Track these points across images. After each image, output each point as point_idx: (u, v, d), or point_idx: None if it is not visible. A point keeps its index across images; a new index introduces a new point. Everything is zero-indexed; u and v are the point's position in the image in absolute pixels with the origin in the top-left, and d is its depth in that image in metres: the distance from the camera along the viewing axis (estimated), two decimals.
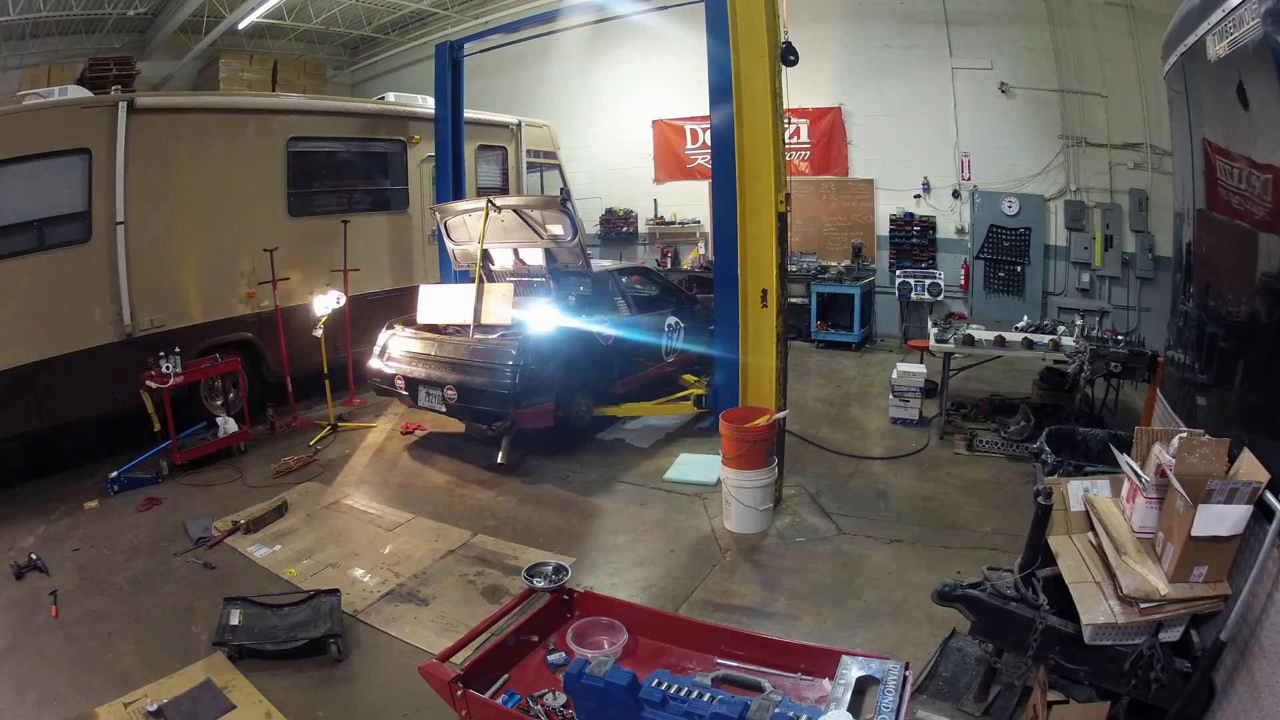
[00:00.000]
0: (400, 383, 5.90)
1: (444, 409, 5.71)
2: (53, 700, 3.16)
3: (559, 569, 2.80)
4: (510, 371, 5.34)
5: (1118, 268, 8.46)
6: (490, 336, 5.77)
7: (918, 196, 9.47)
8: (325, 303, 6.58)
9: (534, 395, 5.43)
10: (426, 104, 8.45)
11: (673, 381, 7.07)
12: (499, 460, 5.65)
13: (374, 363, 6.18)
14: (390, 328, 6.32)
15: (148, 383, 5.57)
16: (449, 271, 8.19)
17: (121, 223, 5.72)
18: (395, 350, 6.08)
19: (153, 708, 2.99)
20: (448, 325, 6.03)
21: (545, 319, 5.84)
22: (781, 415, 4.78)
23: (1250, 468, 2.13)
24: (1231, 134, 2.68)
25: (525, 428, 5.59)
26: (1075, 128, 8.42)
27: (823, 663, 2.30)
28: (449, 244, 6.87)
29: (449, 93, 7.81)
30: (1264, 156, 2.34)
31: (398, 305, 8.02)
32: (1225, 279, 2.87)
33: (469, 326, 5.92)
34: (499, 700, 2.31)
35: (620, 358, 6.34)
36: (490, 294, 6.00)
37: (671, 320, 6.93)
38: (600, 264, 7.13)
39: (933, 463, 5.63)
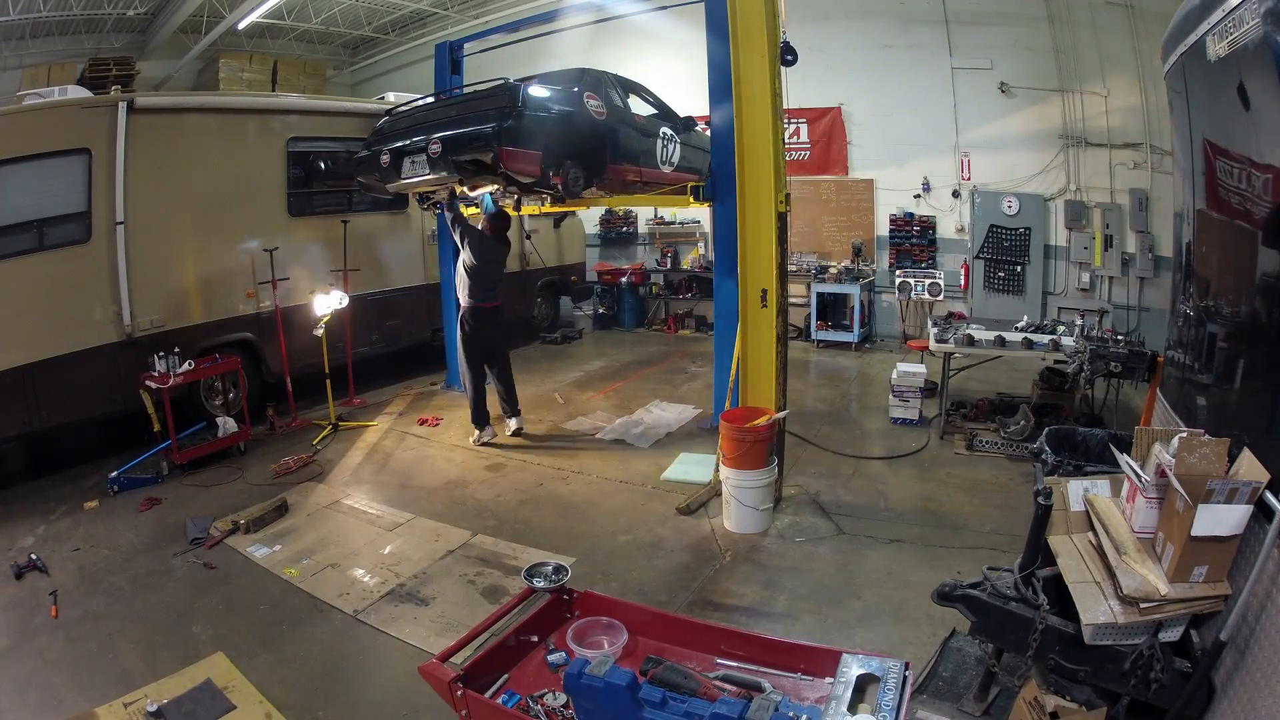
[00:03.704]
0: (385, 158, 5.58)
1: (428, 170, 5.37)
2: (53, 700, 3.15)
3: (559, 569, 2.80)
4: (497, 114, 5.10)
5: (1118, 267, 8.46)
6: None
7: (918, 196, 9.49)
8: (326, 303, 6.59)
9: (521, 138, 5.11)
10: None
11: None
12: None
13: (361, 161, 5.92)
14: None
15: (147, 383, 5.57)
16: (449, 271, 8.21)
17: (121, 223, 5.73)
18: (385, 134, 5.85)
19: (153, 708, 2.98)
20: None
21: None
22: (781, 415, 4.78)
23: (1250, 468, 2.13)
24: (1231, 134, 2.68)
25: (509, 169, 5.19)
26: (1075, 127, 8.43)
27: (823, 662, 2.29)
28: None
29: None
30: (1264, 156, 2.34)
31: (398, 305, 8.03)
32: (1225, 279, 2.87)
33: None
34: (499, 700, 2.31)
35: (614, 144, 6.06)
36: None
37: (668, 131, 6.73)
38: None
39: (933, 463, 5.63)
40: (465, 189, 5.91)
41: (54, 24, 10.12)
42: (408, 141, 5.48)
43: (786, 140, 5.01)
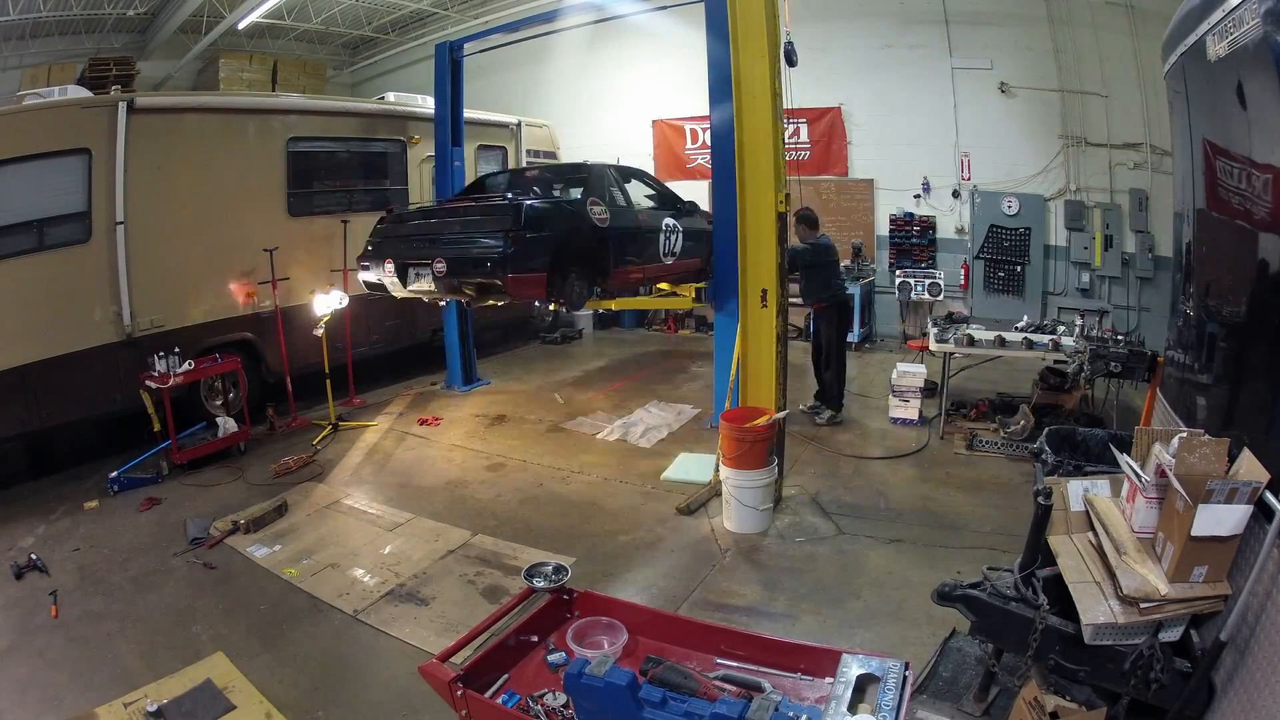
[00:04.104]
0: (389, 267, 5.66)
1: (432, 285, 5.46)
2: (53, 700, 3.16)
3: (559, 569, 2.80)
4: (502, 237, 5.14)
5: (1118, 268, 8.46)
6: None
7: (918, 196, 9.48)
8: (326, 303, 6.59)
9: (526, 261, 5.17)
10: (426, 104, 8.45)
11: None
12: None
13: (363, 258, 5.98)
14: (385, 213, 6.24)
15: (147, 383, 5.57)
16: None
17: (121, 223, 5.73)
18: (387, 237, 5.93)
19: (153, 708, 2.99)
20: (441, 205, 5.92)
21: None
22: (782, 415, 4.78)
23: (1250, 468, 2.13)
24: (1231, 134, 2.68)
25: (516, 297, 5.31)
26: (1075, 128, 8.42)
27: (823, 662, 2.29)
28: None
29: (449, 93, 7.81)
30: (1264, 156, 2.34)
31: (398, 305, 8.02)
32: (1225, 279, 2.87)
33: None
34: (499, 700, 2.31)
35: (618, 247, 6.07)
36: None
37: (670, 222, 6.75)
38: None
39: (933, 463, 5.63)
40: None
41: (54, 24, 10.11)
42: (413, 253, 5.55)
43: (786, 140, 5.02)
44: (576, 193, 6.09)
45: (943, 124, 9.07)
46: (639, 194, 7.08)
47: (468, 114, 8.23)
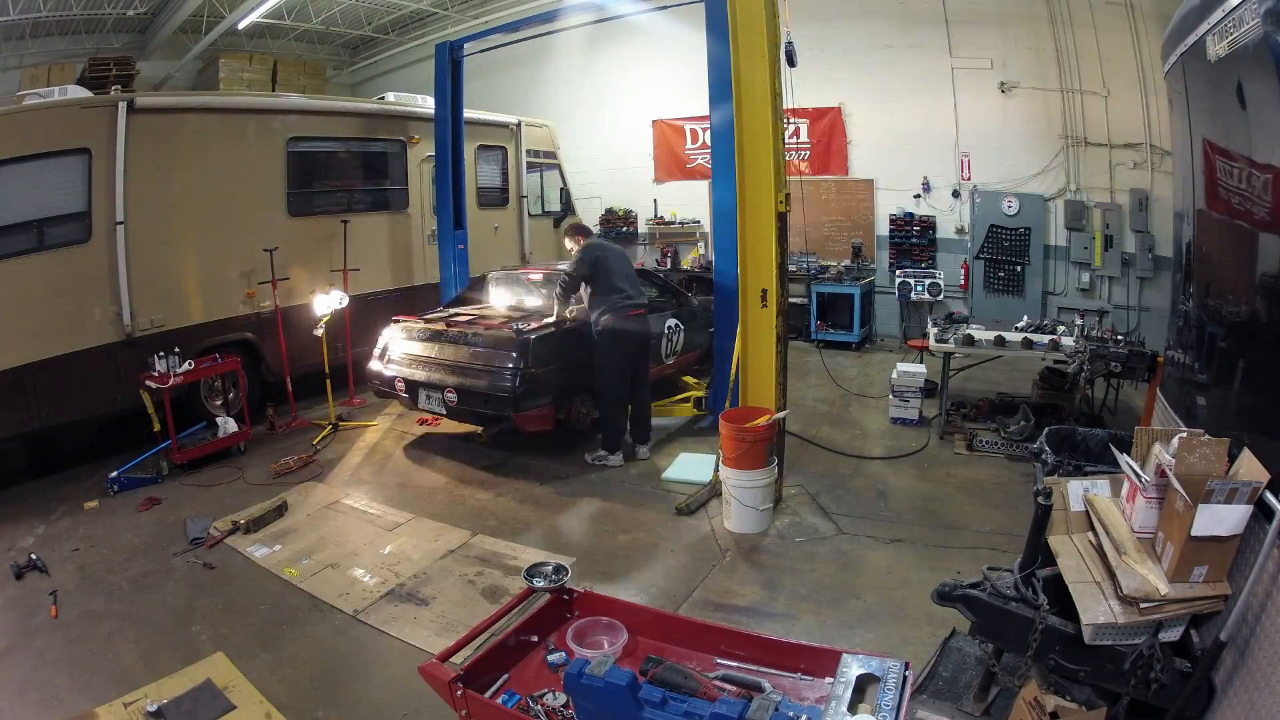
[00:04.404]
0: (400, 385, 5.90)
1: (444, 411, 5.72)
2: (53, 700, 3.16)
3: (559, 569, 2.80)
4: (510, 374, 5.33)
5: (1118, 268, 8.45)
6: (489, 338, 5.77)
7: (918, 196, 9.47)
8: (326, 303, 6.59)
9: (534, 398, 5.42)
10: (426, 104, 8.46)
11: (673, 383, 7.08)
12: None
13: (374, 365, 6.19)
14: (393, 324, 6.32)
15: (147, 383, 5.57)
16: (449, 271, 8.22)
17: (121, 223, 5.73)
18: (396, 352, 6.09)
19: (153, 708, 2.99)
20: (448, 326, 6.05)
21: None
22: (781, 415, 4.78)
23: (1250, 468, 2.13)
24: (1231, 134, 2.68)
25: (526, 431, 5.58)
26: (1075, 127, 8.42)
27: (823, 662, 2.30)
28: None
29: (449, 93, 7.82)
30: (1264, 156, 2.34)
31: (398, 305, 8.03)
32: (1225, 279, 2.87)
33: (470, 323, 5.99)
34: (499, 700, 2.31)
35: None
36: None
37: (671, 323, 6.92)
38: None
39: (933, 463, 5.63)
40: None
41: (54, 24, 10.11)
42: (423, 377, 5.76)
43: (786, 140, 5.03)
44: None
45: (943, 124, 9.06)
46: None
47: (468, 114, 8.24)
